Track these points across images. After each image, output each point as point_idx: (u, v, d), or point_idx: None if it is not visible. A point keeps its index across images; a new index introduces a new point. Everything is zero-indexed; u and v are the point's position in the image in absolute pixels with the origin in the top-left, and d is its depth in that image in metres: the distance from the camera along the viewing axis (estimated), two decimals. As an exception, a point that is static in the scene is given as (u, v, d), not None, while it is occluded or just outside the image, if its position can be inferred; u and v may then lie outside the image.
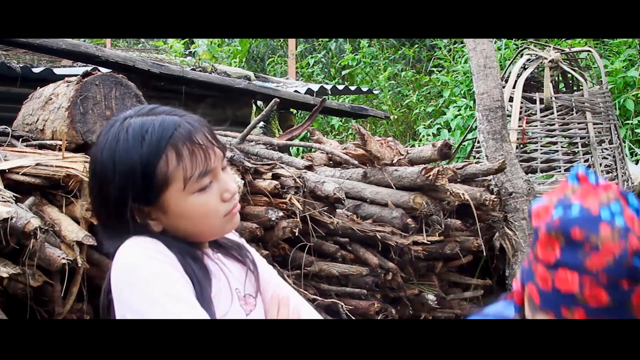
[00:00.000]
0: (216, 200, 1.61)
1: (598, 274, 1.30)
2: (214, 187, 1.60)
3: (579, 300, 1.34)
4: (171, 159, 1.53)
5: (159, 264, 1.54)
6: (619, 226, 1.30)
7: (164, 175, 1.53)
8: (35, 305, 2.60)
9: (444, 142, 3.69)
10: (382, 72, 8.67)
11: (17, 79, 4.80)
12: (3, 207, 2.37)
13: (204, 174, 1.57)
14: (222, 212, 1.63)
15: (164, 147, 1.53)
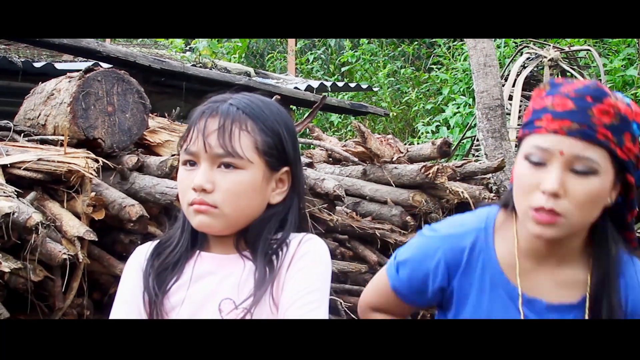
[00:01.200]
0: (188, 183, 1.64)
1: (569, 92, 1.68)
2: (194, 172, 1.63)
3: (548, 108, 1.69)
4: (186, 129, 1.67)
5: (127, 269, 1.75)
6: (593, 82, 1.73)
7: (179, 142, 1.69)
8: (35, 300, 2.61)
9: (444, 140, 3.69)
10: (381, 69, 8.67)
11: (19, 73, 4.81)
12: (5, 202, 2.37)
13: (187, 151, 1.64)
14: (188, 199, 1.64)
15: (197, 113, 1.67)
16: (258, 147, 1.64)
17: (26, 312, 2.63)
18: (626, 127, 1.69)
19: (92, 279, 2.83)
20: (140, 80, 3.37)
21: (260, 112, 1.68)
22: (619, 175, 1.72)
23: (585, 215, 1.72)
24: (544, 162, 1.70)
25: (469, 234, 1.92)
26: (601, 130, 1.66)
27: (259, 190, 1.67)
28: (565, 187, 1.67)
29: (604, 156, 1.66)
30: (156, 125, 3.38)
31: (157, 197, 2.83)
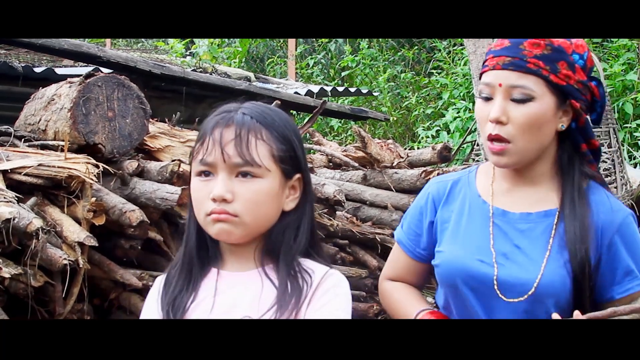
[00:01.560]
0: (205, 193, 1.65)
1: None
2: (211, 183, 1.65)
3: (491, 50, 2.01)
4: (197, 140, 1.70)
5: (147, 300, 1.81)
6: None
7: (192, 152, 1.72)
8: (36, 305, 2.61)
9: (444, 145, 3.69)
10: (381, 74, 8.68)
11: (19, 78, 4.81)
12: (5, 208, 2.37)
13: (203, 161, 1.65)
14: (206, 209, 1.65)
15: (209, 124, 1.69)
16: (274, 155, 1.67)
17: (26, 317, 2.63)
18: (561, 57, 1.92)
19: (93, 284, 2.83)
20: (141, 85, 3.37)
21: (273, 120, 1.70)
22: (563, 100, 1.95)
23: (530, 138, 1.95)
24: (491, 96, 1.96)
25: (455, 176, 2.23)
26: (532, 61, 1.90)
27: (275, 198, 1.70)
28: (507, 114, 1.92)
29: (538, 83, 1.91)
30: (156, 130, 3.38)
31: (158, 202, 2.83)
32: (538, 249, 1.99)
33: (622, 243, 1.97)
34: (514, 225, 2.04)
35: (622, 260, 1.96)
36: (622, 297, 1.94)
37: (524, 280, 1.96)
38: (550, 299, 1.95)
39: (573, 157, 2.04)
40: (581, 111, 1.98)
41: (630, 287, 1.95)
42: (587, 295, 1.94)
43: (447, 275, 2.10)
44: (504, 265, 2.00)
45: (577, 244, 1.94)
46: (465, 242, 2.09)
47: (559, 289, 1.94)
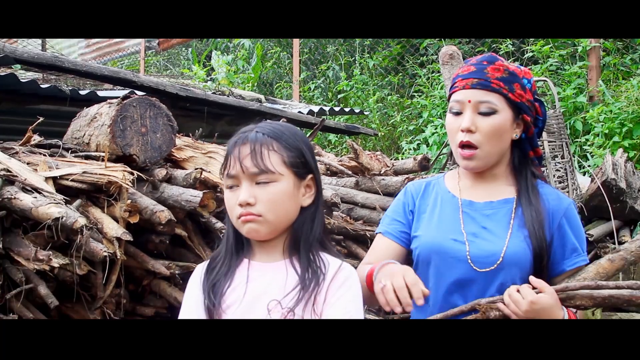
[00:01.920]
0: (234, 201, 1.72)
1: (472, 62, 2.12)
2: (237, 192, 1.72)
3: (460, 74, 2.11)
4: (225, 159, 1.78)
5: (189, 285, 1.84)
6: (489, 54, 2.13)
7: (221, 169, 1.79)
8: (80, 290, 2.62)
9: (423, 156, 3.71)
10: (371, 96, 8.68)
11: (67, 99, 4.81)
12: (55, 208, 2.38)
13: (228, 175, 1.72)
14: (236, 213, 1.73)
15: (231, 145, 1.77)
16: (285, 161, 1.73)
17: (72, 300, 2.64)
18: (515, 80, 2.06)
19: (128, 272, 2.83)
20: (169, 106, 3.37)
21: (282, 133, 1.76)
22: (517, 115, 2.08)
23: (494, 144, 2.06)
24: (461, 111, 2.07)
25: (427, 180, 2.31)
26: (495, 81, 2.03)
27: (292, 197, 1.75)
28: (475, 124, 2.03)
29: (500, 99, 2.03)
30: (182, 143, 3.39)
31: (183, 204, 2.84)
32: (501, 228, 2.08)
33: (567, 224, 2.08)
34: (480, 212, 2.13)
35: (569, 238, 2.07)
36: (570, 269, 2.06)
37: (492, 252, 2.04)
38: (515, 267, 2.02)
39: (523, 161, 2.16)
40: (530, 124, 2.12)
41: (577, 262, 2.07)
42: (545, 267, 2.04)
43: (424, 255, 2.14)
44: (474, 242, 2.07)
45: (534, 224, 2.04)
46: (440, 226, 2.15)
47: (522, 259, 2.03)
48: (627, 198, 4.53)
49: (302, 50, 10.20)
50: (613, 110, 5.89)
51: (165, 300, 2.96)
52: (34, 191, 2.56)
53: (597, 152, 5.56)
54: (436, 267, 2.11)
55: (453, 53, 4.21)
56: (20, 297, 2.44)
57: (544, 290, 1.87)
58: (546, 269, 2.05)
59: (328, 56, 10.40)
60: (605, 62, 6.99)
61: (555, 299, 1.87)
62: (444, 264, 2.09)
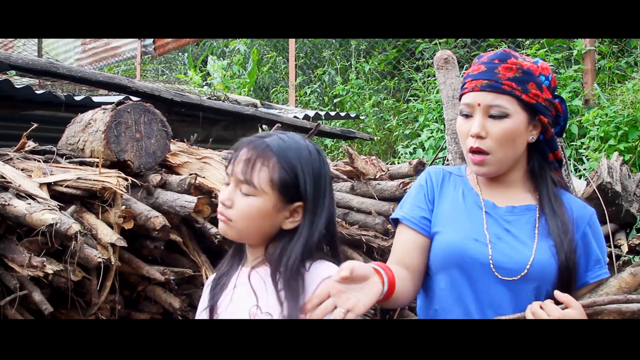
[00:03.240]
0: (222, 197, 1.77)
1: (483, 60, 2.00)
2: (226, 190, 1.76)
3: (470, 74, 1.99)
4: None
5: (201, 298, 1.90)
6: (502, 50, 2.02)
7: None
8: (75, 297, 2.61)
9: (418, 161, 3.71)
10: (367, 101, 8.68)
11: (62, 105, 4.81)
12: (49, 214, 2.38)
13: (226, 170, 1.76)
14: (219, 208, 1.78)
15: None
16: (274, 181, 1.70)
17: (67, 307, 2.64)
18: (530, 79, 1.93)
19: (123, 278, 2.83)
20: (164, 111, 3.37)
21: (285, 152, 1.71)
22: (533, 116, 1.95)
23: (507, 150, 1.94)
24: (471, 114, 1.95)
25: (447, 169, 2.18)
26: (506, 83, 1.90)
27: (267, 217, 1.72)
28: (486, 129, 1.92)
29: (512, 102, 1.91)
30: (177, 149, 3.39)
31: (178, 209, 2.84)
32: (526, 236, 1.95)
33: (592, 234, 1.97)
34: (503, 217, 1.99)
35: (593, 249, 1.96)
36: (593, 281, 1.94)
37: (517, 260, 1.91)
38: (541, 280, 1.89)
39: (543, 165, 2.04)
40: (548, 125, 1.98)
41: (600, 274, 1.94)
42: (573, 280, 1.91)
43: (444, 254, 1.99)
44: (497, 244, 1.94)
45: (561, 235, 1.90)
46: (461, 224, 2.01)
47: (548, 270, 1.89)
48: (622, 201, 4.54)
49: (298, 54, 10.20)
50: (608, 113, 5.90)
51: (160, 305, 2.95)
52: (28, 197, 2.56)
53: (593, 156, 5.57)
54: (455, 271, 1.98)
55: (448, 57, 4.21)
56: (14, 304, 2.44)
57: (571, 306, 1.77)
58: (574, 283, 1.91)
59: (324, 60, 10.41)
60: (600, 65, 7.00)
61: (583, 314, 1.77)
62: (464, 267, 1.96)
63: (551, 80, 1.98)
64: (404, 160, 6.99)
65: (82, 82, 4.86)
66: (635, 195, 4.62)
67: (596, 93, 6.47)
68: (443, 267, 2.00)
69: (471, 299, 1.95)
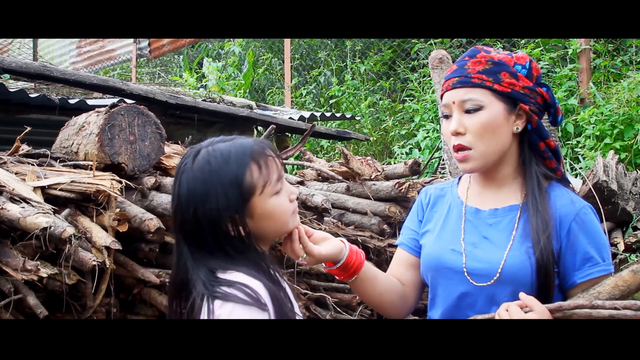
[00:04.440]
0: (286, 200, 1.72)
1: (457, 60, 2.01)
2: (284, 190, 1.71)
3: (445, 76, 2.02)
4: (254, 170, 1.64)
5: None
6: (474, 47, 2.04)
7: (250, 184, 1.64)
8: (70, 300, 2.61)
9: (414, 161, 3.71)
10: (363, 101, 8.69)
11: (56, 108, 4.81)
12: (43, 218, 2.37)
13: (278, 179, 1.68)
14: (291, 210, 1.74)
15: (248, 162, 1.64)
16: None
17: (62, 310, 2.63)
18: (502, 69, 1.93)
19: (118, 281, 2.83)
20: (158, 114, 3.37)
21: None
22: (512, 106, 1.94)
23: (488, 142, 1.94)
24: (450, 114, 1.98)
25: (439, 186, 2.26)
26: (475, 76, 1.92)
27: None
28: (464, 125, 1.93)
29: (484, 93, 1.91)
30: (171, 151, 3.39)
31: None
32: (503, 238, 1.94)
33: (579, 230, 1.89)
34: (484, 220, 2.01)
35: (581, 246, 1.88)
36: (583, 281, 1.87)
37: (489, 264, 1.92)
38: (514, 283, 1.87)
39: (532, 157, 2.00)
40: (531, 113, 1.95)
41: (591, 273, 1.86)
42: (552, 280, 1.86)
43: (426, 267, 2.10)
44: (472, 252, 1.97)
45: (539, 233, 1.87)
46: (441, 236, 2.08)
47: (522, 273, 1.87)
48: (618, 200, 4.55)
49: (293, 56, 10.21)
50: (604, 112, 5.90)
51: (156, 308, 2.95)
52: (22, 201, 2.55)
53: (589, 154, 5.58)
54: (437, 281, 2.04)
55: (442, 57, 4.22)
56: (9, 308, 2.43)
57: (533, 309, 1.74)
58: (553, 283, 1.87)
59: (319, 62, 10.42)
60: (595, 64, 7.02)
61: (546, 318, 1.73)
62: (443, 277, 2.02)
63: (531, 68, 1.97)
64: (400, 161, 6.99)
65: (76, 85, 4.86)
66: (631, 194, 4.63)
67: (592, 92, 6.48)
68: (426, 277, 2.12)
69: (453, 306, 2.00)
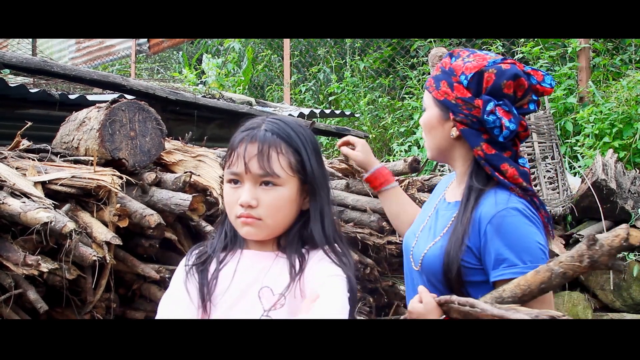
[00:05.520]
0: (235, 199, 1.70)
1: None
2: (239, 190, 1.69)
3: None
4: (227, 151, 1.74)
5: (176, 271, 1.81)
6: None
7: (223, 161, 1.80)
8: (70, 295, 2.61)
9: (414, 158, 3.71)
10: (362, 99, 8.68)
11: (56, 104, 4.80)
12: (44, 213, 2.38)
13: (231, 172, 1.68)
14: (235, 212, 1.71)
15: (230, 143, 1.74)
16: (292, 165, 1.70)
17: (62, 305, 2.64)
18: (444, 77, 2.05)
19: (118, 277, 2.83)
20: (159, 109, 3.37)
21: (290, 133, 1.72)
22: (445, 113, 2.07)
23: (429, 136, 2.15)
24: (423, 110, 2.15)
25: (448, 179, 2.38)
26: (429, 80, 2.10)
27: (294, 202, 1.73)
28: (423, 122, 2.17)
29: (428, 97, 2.12)
30: (171, 147, 3.39)
31: (172, 207, 2.84)
32: (439, 231, 2.09)
33: (494, 233, 1.92)
34: (440, 211, 2.17)
35: (494, 248, 1.91)
36: (496, 280, 1.91)
37: (418, 252, 2.11)
38: (429, 272, 2.04)
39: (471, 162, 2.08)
40: (456, 122, 2.04)
41: (504, 274, 1.89)
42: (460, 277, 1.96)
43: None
44: (420, 238, 2.15)
45: (457, 230, 1.98)
46: (417, 220, 2.30)
47: (434, 265, 2.01)
48: (617, 198, 4.56)
49: (292, 52, 10.20)
50: (603, 111, 5.91)
51: (156, 304, 2.94)
52: (23, 196, 2.56)
53: (588, 153, 5.58)
54: (404, 260, 2.25)
55: (442, 55, 4.22)
56: (9, 303, 2.44)
57: (422, 300, 1.85)
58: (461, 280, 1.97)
59: (319, 58, 10.41)
60: (595, 63, 7.02)
61: (431, 309, 1.81)
62: (405, 256, 2.24)
63: (478, 80, 1.98)
64: (399, 158, 6.99)
65: (76, 81, 4.85)
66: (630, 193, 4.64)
67: (591, 90, 6.49)
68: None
69: (409, 283, 2.21)
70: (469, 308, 1.73)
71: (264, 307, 1.67)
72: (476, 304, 1.72)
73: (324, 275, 1.68)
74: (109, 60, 12.95)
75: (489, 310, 1.67)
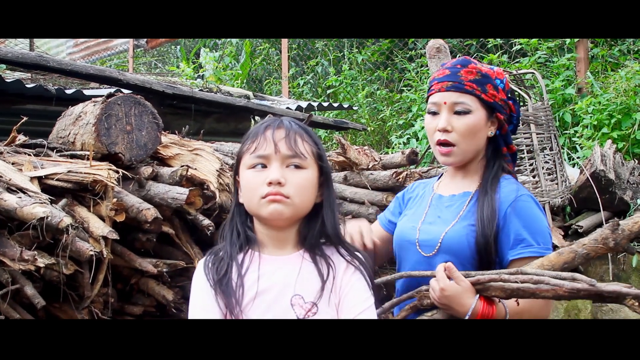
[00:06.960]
0: (260, 181, 1.73)
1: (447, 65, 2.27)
2: (265, 172, 1.74)
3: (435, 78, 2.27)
4: (247, 141, 1.80)
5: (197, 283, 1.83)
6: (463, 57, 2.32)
7: (241, 151, 1.81)
8: (67, 290, 2.61)
9: (411, 150, 3.71)
10: (360, 91, 8.67)
11: (53, 99, 4.80)
12: (40, 208, 2.37)
13: (257, 155, 1.74)
14: (261, 192, 1.74)
15: (250, 134, 1.82)
16: (314, 152, 1.79)
17: (59, 300, 2.64)
18: (487, 81, 2.22)
19: (116, 272, 2.83)
20: (155, 104, 3.36)
21: (307, 129, 1.83)
22: (491, 114, 2.23)
23: (470, 142, 2.22)
24: (438, 112, 2.24)
25: (425, 181, 2.56)
26: (468, 84, 2.19)
27: (314, 188, 1.81)
28: (451, 124, 2.20)
29: (473, 100, 2.19)
30: (168, 141, 3.38)
31: (169, 201, 2.83)
32: (451, 217, 2.23)
33: (514, 215, 2.13)
34: (443, 203, 2.30)
35: (514, 228, 2.12)
36: (514, 258, 2.10)
37: (434, 236, 2.20)
38: (452, 253, 2.14)
39: (494, 157, 2.30)
40: (504, 122, 2.27)
41: (522, 252, 2.09)
42: (492, 256, 2.13)
43: (394, 240, 2.39)
44: (426, 227, 2.26)
45: (483, 212, 2.14)
46: (410, 217, 2.38)
47: (459, 246, 2.15)
48: (616, 189, 4.56)
49: (290, 46, 10.19)
50: (601, 101, 5.90)
51: (154, 298, 2.95)
52: (19, 191, 2.55)
53: (586, 144, 5.58)
54: (400, 252, 2.35)
55: (440, 46, 4.22)
56: (6, 298, 2.43)
57: (452, 276, 1.97)
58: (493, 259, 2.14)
59: (317, 52, 10.40)
60: (593, 54, 7.01)
61: (464, 287, 1.94)
62: (404, 248, 2.32)
63: (505, 84, 2.27)
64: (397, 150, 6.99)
65: (73, 75, 4.84)
66: (628, 183, 4.64)
67: (589, 81, 6.48)
68: (395, 251, 2.40)
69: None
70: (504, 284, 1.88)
71: (298, 315, 1.71)
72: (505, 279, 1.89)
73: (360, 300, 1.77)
74: (107, 55, 12.93)
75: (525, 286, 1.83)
